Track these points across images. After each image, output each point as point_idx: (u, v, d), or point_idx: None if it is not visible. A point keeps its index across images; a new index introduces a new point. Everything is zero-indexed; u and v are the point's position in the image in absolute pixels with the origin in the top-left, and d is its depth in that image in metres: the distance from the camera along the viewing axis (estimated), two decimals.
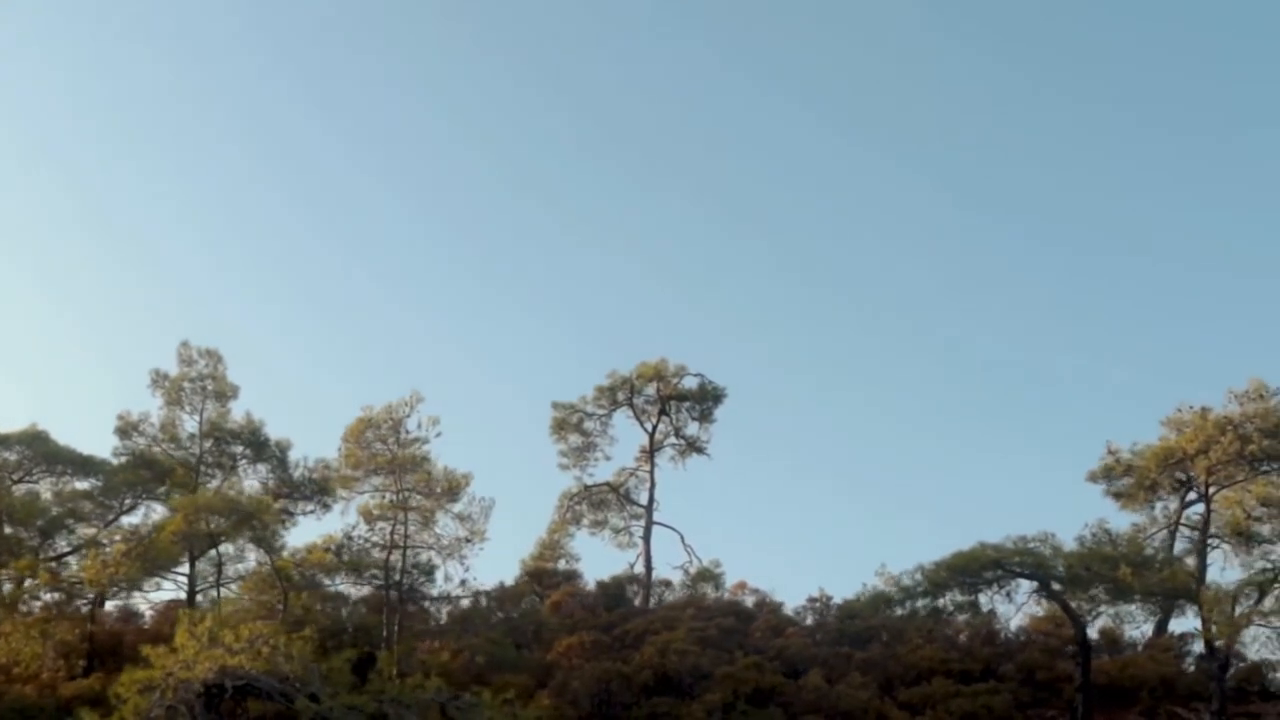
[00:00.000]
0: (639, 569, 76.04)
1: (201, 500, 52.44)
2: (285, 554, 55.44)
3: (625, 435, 79.02)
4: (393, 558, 54.37)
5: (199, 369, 64.07)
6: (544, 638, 62.55)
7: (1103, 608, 60.94)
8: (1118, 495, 57.59)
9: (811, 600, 69.97)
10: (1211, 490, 57.22)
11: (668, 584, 73.75)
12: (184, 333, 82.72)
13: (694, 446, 78.28)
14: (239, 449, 64.13)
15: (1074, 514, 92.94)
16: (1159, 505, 58.63)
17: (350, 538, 54.20)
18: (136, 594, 62.76)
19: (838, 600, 69.41)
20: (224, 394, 64.47)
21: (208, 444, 63.65)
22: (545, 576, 71.96)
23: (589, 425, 77.46)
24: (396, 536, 54.15)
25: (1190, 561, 57.91)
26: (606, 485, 77.72)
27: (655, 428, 77.68)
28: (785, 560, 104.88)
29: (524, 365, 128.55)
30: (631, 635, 61.62)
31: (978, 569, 54.77)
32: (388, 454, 53.72)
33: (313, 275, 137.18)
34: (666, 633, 60.91)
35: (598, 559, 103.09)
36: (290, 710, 46.20)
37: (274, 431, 65.73)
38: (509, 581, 73.11)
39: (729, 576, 76.72)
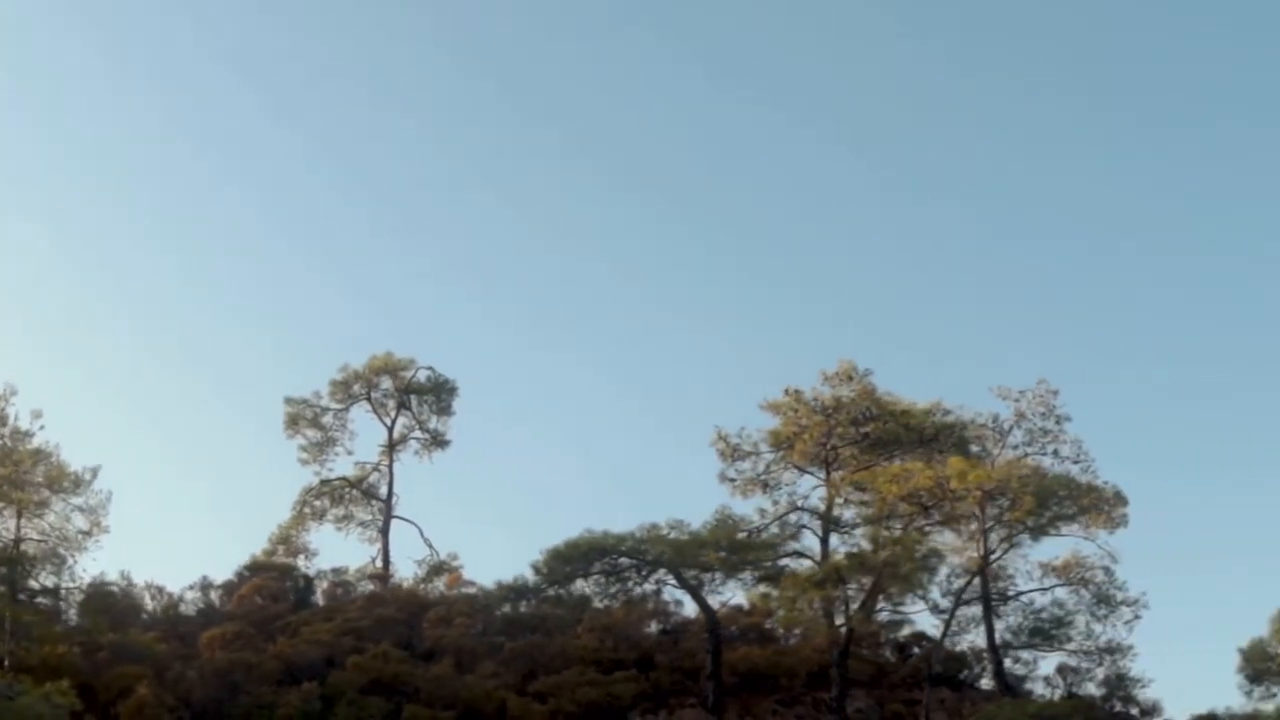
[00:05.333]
0: (381, 563, 76.49)
1: None
2: None
3: (375, 431, 79.22)
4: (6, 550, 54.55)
5: None
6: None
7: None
8: (731, 480, 57.02)
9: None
10: (834, 473, 56.53)
11: (382, 578, 73.64)
12: None
13: (437, 440, 78.39)
14: None
15: None
16: (784, 489, 57.80)
17: None
18: None
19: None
20: None
21: None
22: (264, 570, 71.95)
23: (326, 420, 77.59)
24: (5, 529, 54.41)
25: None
26: (343, 480, 77.73)
27: (394, 422, 77.82)
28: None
29: None
30: (293, 627, 61.71)
31: (582, 557, 54.47)
32: None
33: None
34: (322, 624, 61.14)
35: (343, 553, 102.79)
36: None
37: None
38: None
39: (473, 568, 77.23)
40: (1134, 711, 65.91)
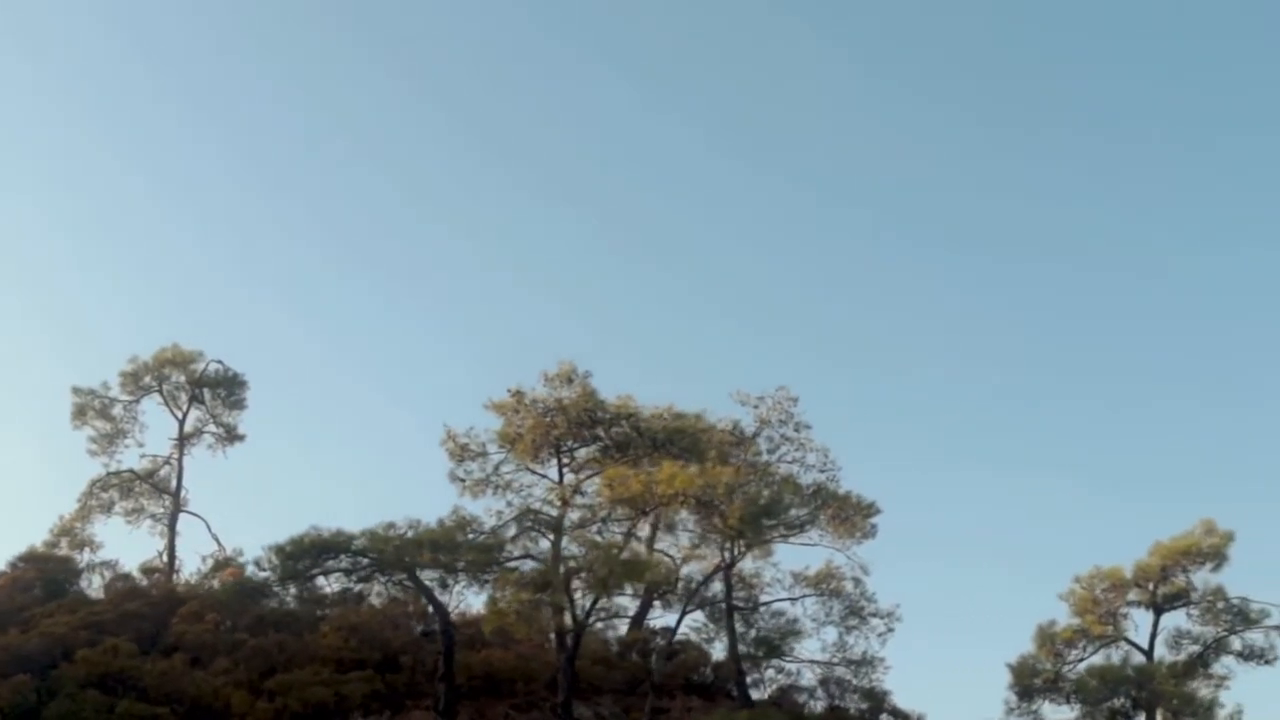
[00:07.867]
0: (166, 557, 75.85)
1: None
2: None
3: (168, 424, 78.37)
4: None
5: None
6: None
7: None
8: (460, 480, 56.73)
9: None
10: (566, 476, 56.34)
11: (162, 572, 73.05)
12: None
13: (230, 434, 77.79)
14: None
15: None
16: (522, 491, 57.49)
17: None
18: None
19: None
20: None
21: None
22: (35, 561, 71.03)
23: (115, 412, 76.80)
24: None
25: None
26: (131, 473, 76.92)
27: (186, 415, 77.09)
28: None
29: None
30: (36, 619, 61.05)
31: (308, 554, 53.96)
32: None
33: None
34: (64, 616, 60.50)
35: (135, 548, 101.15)
36: None
37: None
38: None
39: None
40: None
